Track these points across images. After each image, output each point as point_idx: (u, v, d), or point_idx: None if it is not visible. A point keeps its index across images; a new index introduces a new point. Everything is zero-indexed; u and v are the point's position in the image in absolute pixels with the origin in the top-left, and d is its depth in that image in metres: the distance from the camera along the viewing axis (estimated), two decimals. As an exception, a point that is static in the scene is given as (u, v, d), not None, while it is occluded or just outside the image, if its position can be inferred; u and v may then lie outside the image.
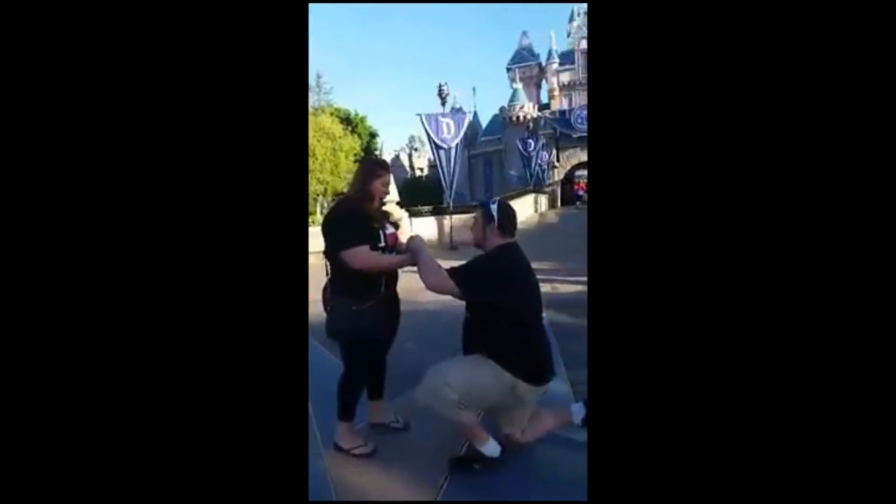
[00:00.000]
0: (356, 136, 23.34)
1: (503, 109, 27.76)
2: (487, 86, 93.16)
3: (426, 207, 12.55)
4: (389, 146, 36.58)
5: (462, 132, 9.94)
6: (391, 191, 2.59)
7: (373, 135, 28.50)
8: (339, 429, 1.76)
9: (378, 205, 1.76)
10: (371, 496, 1.53)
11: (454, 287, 1.51)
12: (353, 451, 1.72)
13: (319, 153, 17.00)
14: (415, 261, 1.62)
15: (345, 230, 1.62)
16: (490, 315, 1.54)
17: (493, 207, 1.62)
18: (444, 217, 10.83)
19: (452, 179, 9.94)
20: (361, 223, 1.63)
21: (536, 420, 1.69)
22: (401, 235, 1.79)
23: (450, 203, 10.41)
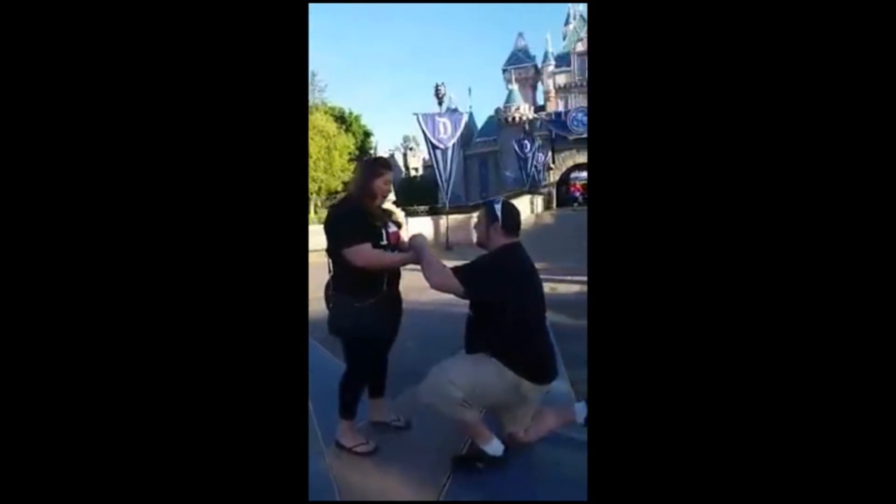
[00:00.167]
0: (350, 135, 23.26)
1: (499, 110, 27.82)
2: (484, 86, 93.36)
3: (422, 207, 12.56)
4: (384, 145, 36.46)
5: (459, 132, 9.96)
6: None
7: (367, 134, 28.42)
8: (341, 427, 1.75)
9: (380, 203, 1.76)
10: (373, 495, 1.52)
11: (458, 286, 1.51)
12: (355, 449, 1.72)
13: (313, 152, 16.94)
14: (418, 259, 1.62)
15: (347, 228, 1.61)
16: (494, 314, 1.54)
17: (497, 207, 1.63)
18: (441, 217, 10.84)
19: (449, 179, 9.95)
20: (364, 221, 1.63)
21: (539, 419, 1.69)
22: (403, 234, 1.79)
23: (446, 203, 10.42)
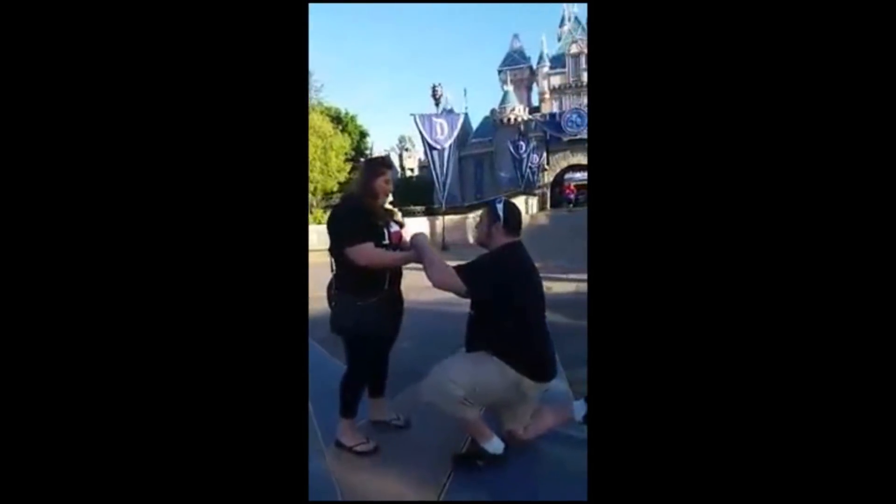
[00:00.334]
0: (346, 135, 23.20)
1: (494, 111, 27.88)
2: (480, 87, 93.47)
3: (419, 208, 12.55)
4: (380, 146, 36.38)
5: (455, 133, 9.98)
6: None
7: (363, 134, 28.35)
8: (341, 426, 1.76)
9: (382, 202, 1.76)
10: (373, 494, 1.53)
11: (460, 284, 1.52)
12: (355, 449, 1.72)
13: (309, 152, 16.86)
14: (419, 258, 1.63)
15: (350, 227, 1.62)
16: (495, 313, 1.56)
17: (500, 207, 1.64)
18: (437, 217, 10.84)
19: (445, 180, 9.96)
20: (366, 220, 1.64)
21: (539, 417, 1.71)
22: (404, 234, 1.80)
23: (442, 203, 10.43)
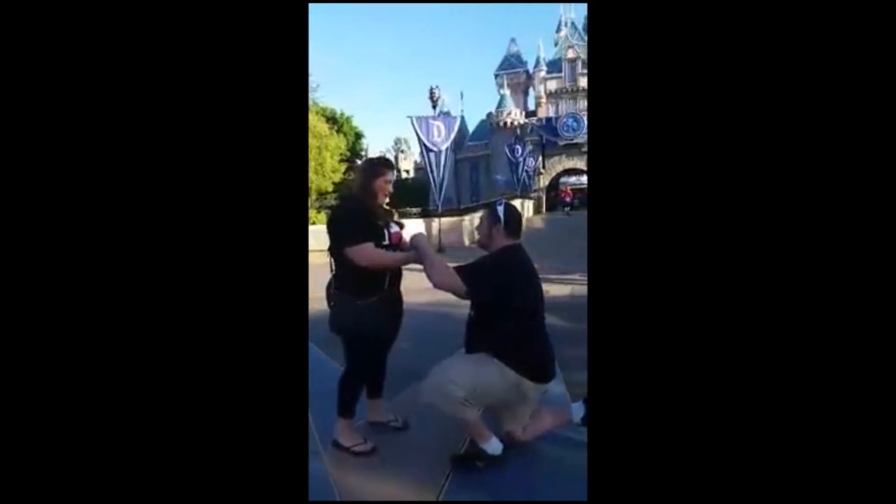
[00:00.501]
0: (342, 136, 23.16)
1: (491, 115, 27.99)
2: (477, 89, 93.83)
3: (415, 210, 12.56)
4: (375, 147, 36.45)
5: (452, 136, 10.01)
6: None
7: (359, 135, 28.34)
8: (339, 426, 1.75)
9: (382, 203, 1.77)
10: (371, 495, 1.52)
11: (461, 285, 1.52)
12: (353, 449, 1.72)
13: (305, 152, 16.77)
14: (420, 258, 1.63)
15: (350, 227, 1.62)
16: (496, 314, 1.56)
17: (501, 209, 1.65)
18: (433, 220, 10.85)
19: (442, 182, 9.99)
20: (366, 220, 1.64)
21: (537, 418, 1.71)
22: (404, 235, 1.80)
23: (438, 205, 10.44)
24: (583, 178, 25.89)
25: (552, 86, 27.66)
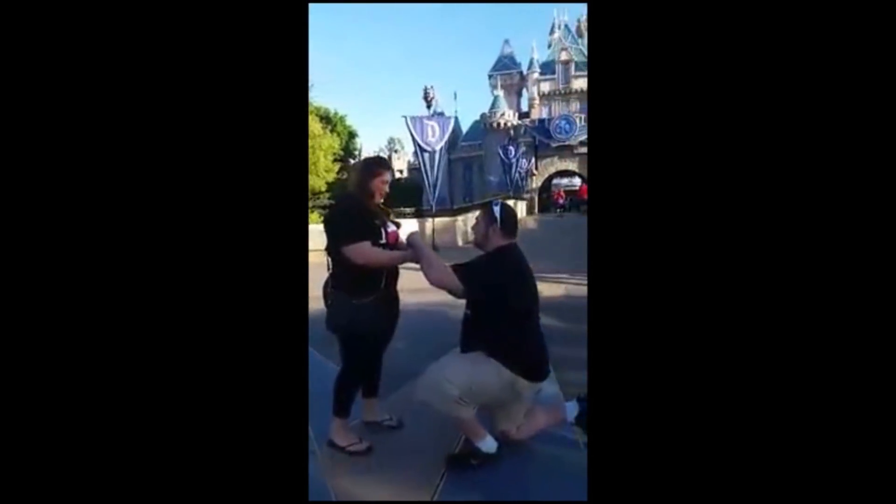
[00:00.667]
0: (335, 136, 23.06)
1: (484, 115, 28.04)
2: (470, 90, 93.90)
3: (408, 209, 12.55)
4: (369, 147, 36.28)
5: (447, 136, 10.02)
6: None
7: (352, 135, 28.25)
8: (334, 425, 1.75)
9: (379, 202, 1.77)
10: (366, 494, 1.52)
11: (457, 283, 1.53)
12: (348, 449, 1.72)
13: (299, 151, 16.67)
14: (416, 257, 1.63)
15: (347, 226, 1.62)
16: (491, 313, 1.57)
17: (497, 209, 1.66)
18: (426, 220, 10.84)
19: (436, 182, 9.99)
20: (363, 219, 1.64)
21: (531, 417, 1.73)
22: (401, 234, 1.80)
23: (432, 206, 10.44)
24: (574, 180, 26.05)
25: (545, 87, 27.76)
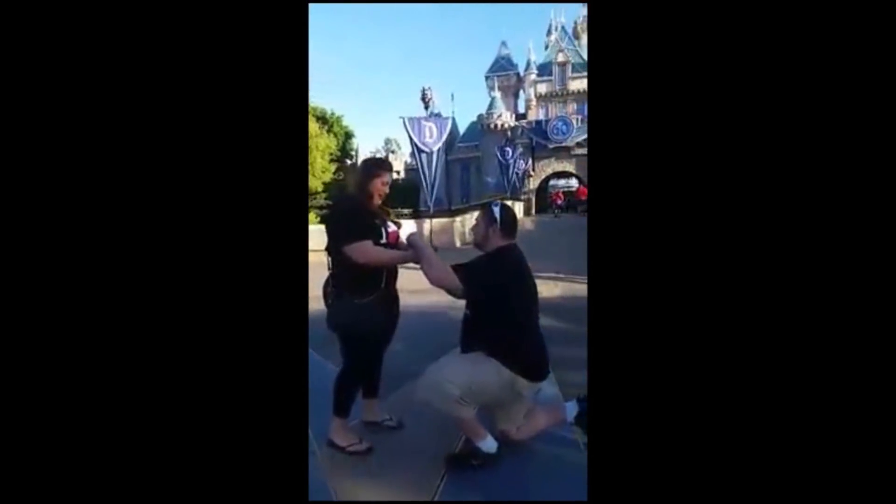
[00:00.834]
0: (332, 136, 23.04)
1: (482, 117, 28.07)
2: (467, 91, 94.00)
3: (406, 210, 12.55)
4: (365, 147, 36.26)
5: (444, 137, 10.03)
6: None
7: (349, 135, 28.22)
8: (334, 425, 1.75)
9: (379, 202, 1.77)
10: (366, 494, 1.52)
11: (457, 283, 1.54)
12: (349, 449, 1.72)
13: (295, 151, 16.66)
14: (417, 257, 1.64)
15: (348, 225, 1.63)
16: (491, 313, 1.58)
17: (497, 210, 1.67)
18: (424, 221, 10.84)
19: (433, 183, 9.99)
20: (364, 219, 1.65)
21: (531, 417, 1.73)
22: (401, 234, 1.81)
23: (430, 206, 10.44)
24: (571, 181, 26.13)
25: (542, 89, 27.84)
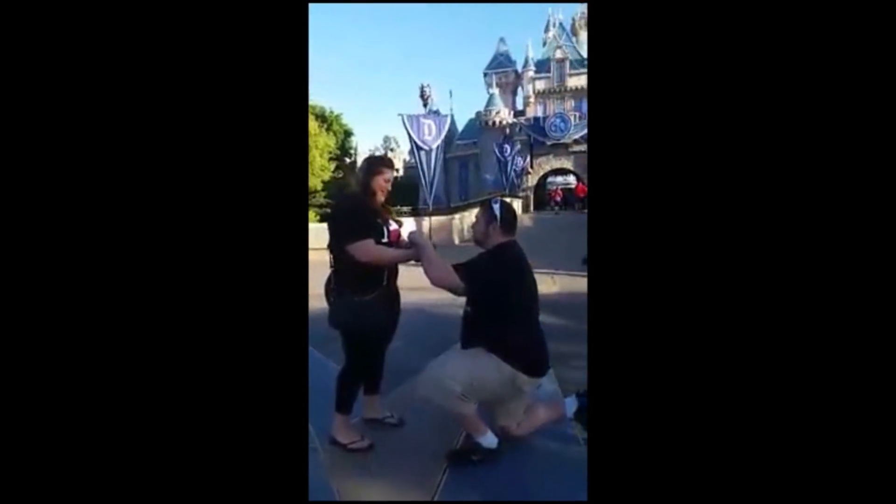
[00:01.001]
0: (331, 134, 23.00)
1: (480, 114, 28.02)
2: (465, 88, 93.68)
3: (405, 208, 12.55)
4: (364, 145, 36.15)
5: (443, 134, 10.02)
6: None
7: (348, 133, 28.18)
8: (336, 422, 1.76)
9: (382, 199, 1.78)
10: (367, 492, 1.53)
11: (458, 281, 1.55)
12: (350, 446, 1.73)
13: (294, 150, 16.63)
14: (418, 256, 1.64)
15: (350, 223, 1.64)
16: (491, 310, 1.59)
17: (497, 207, 1.67)
18: (423, 218, 10.84)
19: (432, 181, 9.99)
20: (366, 217, 1.66)
21: (531, 413, 1.75)
22: (403, 232, 1.82)
23: (429, 204, 10.44)
24: (569, 178, 26.11)
25: (540, 86, 27.76)
